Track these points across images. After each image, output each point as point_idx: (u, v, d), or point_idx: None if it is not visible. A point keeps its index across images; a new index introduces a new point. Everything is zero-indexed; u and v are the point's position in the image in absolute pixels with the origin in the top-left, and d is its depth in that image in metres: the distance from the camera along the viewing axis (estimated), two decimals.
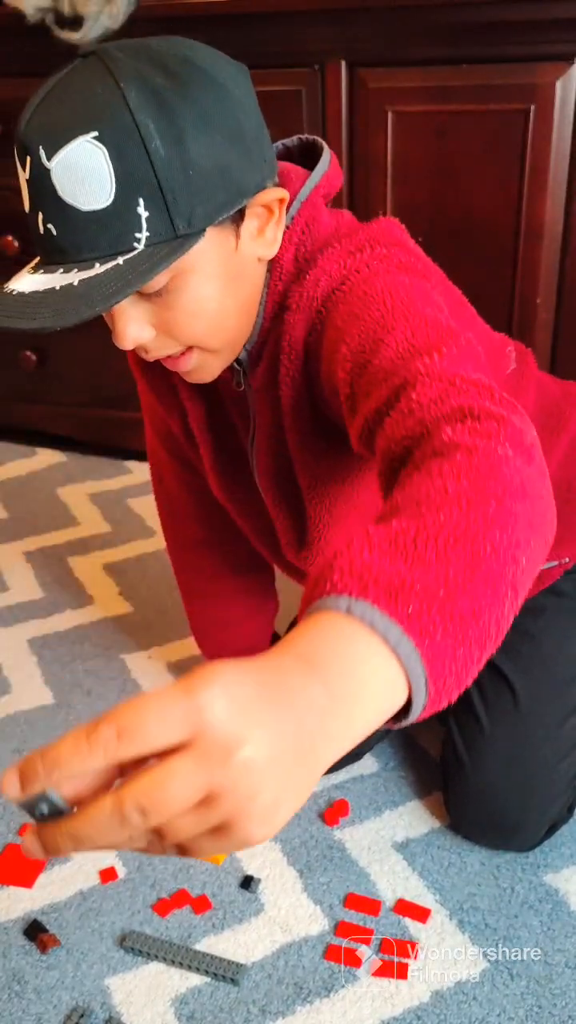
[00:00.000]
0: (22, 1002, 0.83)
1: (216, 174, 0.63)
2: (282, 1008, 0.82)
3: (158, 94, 0.60)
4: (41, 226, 0.63)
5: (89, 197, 0.60)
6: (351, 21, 1.37)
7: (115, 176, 0.60)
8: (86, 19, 1.43)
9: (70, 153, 0.59)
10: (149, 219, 0.61)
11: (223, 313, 0.69)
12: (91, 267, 0.62)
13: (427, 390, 0.54)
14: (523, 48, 1.32)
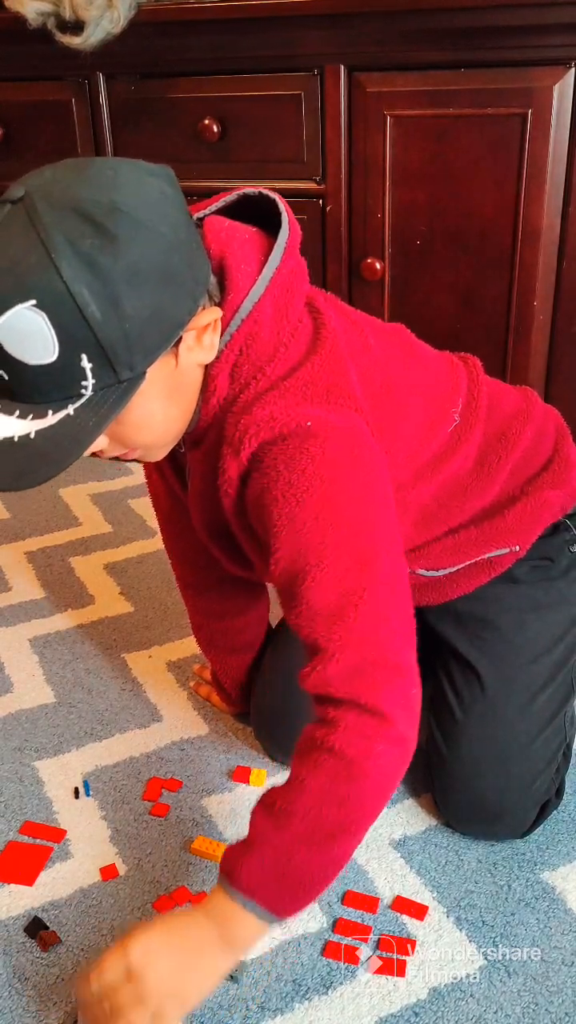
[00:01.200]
0: (23, 999, 0.84)
1: (152, 321, 0.65)
2: (280, 1005, 0.83)
3: (89, 257, 0.62)
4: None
5: (34, 355, 0.63)
6: (350, 25, 1.38)
7: (57, 337, 0.62)
8: (87, 24, 1.44)
9: (11, 318, 0.62)
10: (93, 369, 0.64)
11: (168, 422, 0.75)
12: (43, 413, 0.66)
13: (339, 666, 0.70)
14: (521, 53, 1.33)
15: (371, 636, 0.71)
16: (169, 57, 1.52)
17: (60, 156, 1.76)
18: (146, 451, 0.78)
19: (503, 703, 0.96)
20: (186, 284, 0.68)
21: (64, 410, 0.66)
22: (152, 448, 0.78)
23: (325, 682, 0.71)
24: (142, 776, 1.09)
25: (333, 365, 0.75)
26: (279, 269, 0.75)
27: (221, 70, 1.50)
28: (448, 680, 1.00)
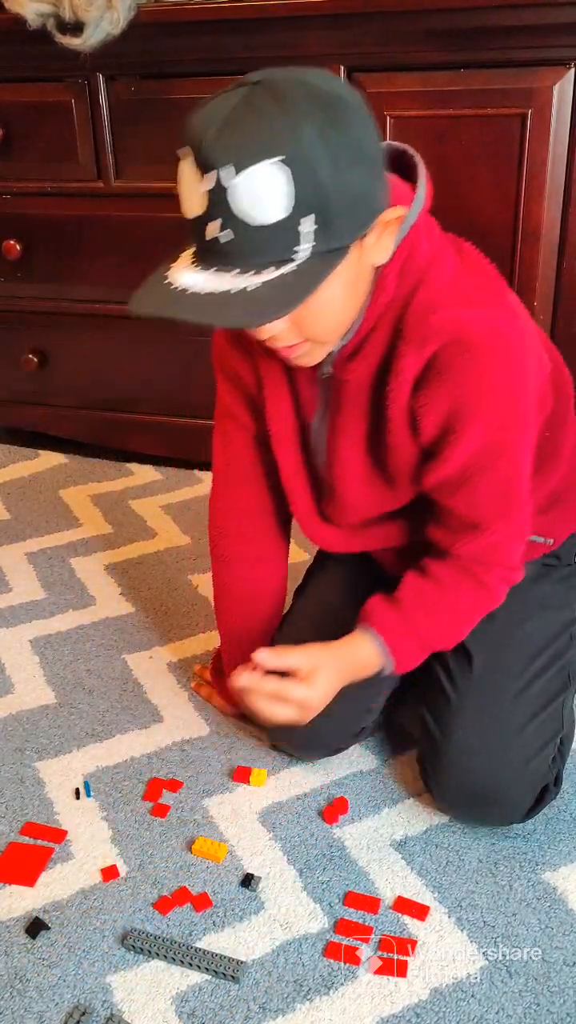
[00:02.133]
0: (24, 1000, 0.84)
1: (362, 199, 0.73)
2: (282, 1006, 0.83)
3: (323, 130, 0.69)
4: (208, 232, 0.71)
5: (263, 213, 0.68)
6: (350, 26, 1.38)
7: (288, 197, 0.68)
8: (87, 25, 1.43)
9: (254, 173, 0.67)
10: (315, 232, 0.70)
11: (344, 313, 0.80)
12: (257, 274, 0.70)
13: (491, 541, 0.89)
14: (521, 53, 1.33)
15: (520, 528, 0.90)
16: (169, 58, 1.52)
17: (60, 157, 1.77)
18: (315, 344, 0.81)
19: (496, 687, 0.97)
20: (381, 176, 0.75)
21: (277, 270, 0.70)
22: (322, 339, 0.81)
23: (479, 550, 0.90)
24: (143, 777, 1.09)
25: (494, 279, 0.86)
26: (426, 197, 0.82)
27: (221, 70, 1.49)
28: (441, 665, 1.01)
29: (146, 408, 1.83)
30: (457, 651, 1.00)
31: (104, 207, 1.67)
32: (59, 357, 1.86)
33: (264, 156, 0.67)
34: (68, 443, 1.97)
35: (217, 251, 0.71)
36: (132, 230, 1.66)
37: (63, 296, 1.78)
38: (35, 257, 1.76)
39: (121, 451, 1.91)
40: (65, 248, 1.73)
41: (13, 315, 1.84)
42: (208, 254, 0.72)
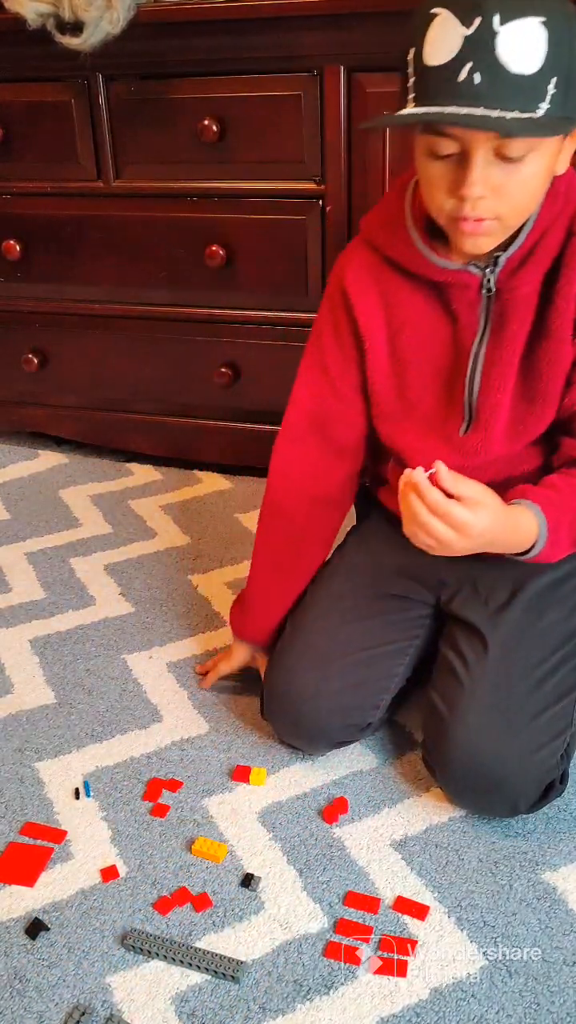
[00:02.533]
0: (23, 1000, 0.84)
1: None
2: (282, 1006, 0.82)
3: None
4: (464, 73, 0.75)
5: (522, 63, 0.74)
6: (349, 26, 1.38)
7: (547, 54, 0.74)
8: (86, 25, 1.43)
9: (522, 24, 0.74)
10: (554, 96, 0.76)
11: (538, 197, 0.86)
12: (506, 113, 0.75)
13: None
14: None
15: None
16: (168, 58, 1.52)
17: (60, 157, 1.78)
18: (499, 224, 0.84)
19: (510, 675, 0.97)
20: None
21: (526, 114, 0.76)
22: (511, 217, 0.84)
23: None
24: (142, 777, 1.09)
25: None
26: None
27: (220, 71, 1.50)
28: (454, 649, 1.02)
29: (146, 408, 1.83)
30: (472, 637, 1.01)
31: (104, 207, 1.67)
32: (59, 357, 1.86)
33: (531, 13, 0.74)
34: (68, 443, 1.97)
35: (467, 93, 0.75)
36: (132, 230, 1.66)
37: (63, 296, 1.78)
38: (35, 257, 1.76)
39: (121, 451, 1.91)
40: (65, 248, 1.73)
41: (13, 315, 1.84)
42: (454, 95, 0.76)
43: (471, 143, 0.78)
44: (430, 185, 0.84)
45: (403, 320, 0.97)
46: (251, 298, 1.64)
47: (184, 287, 1.67)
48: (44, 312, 1.81)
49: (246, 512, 1.69)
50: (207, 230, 1.59)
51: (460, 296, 0.93)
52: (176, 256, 1.65)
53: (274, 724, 1.10)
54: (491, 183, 0.80)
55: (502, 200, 0.82)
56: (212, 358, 1.71)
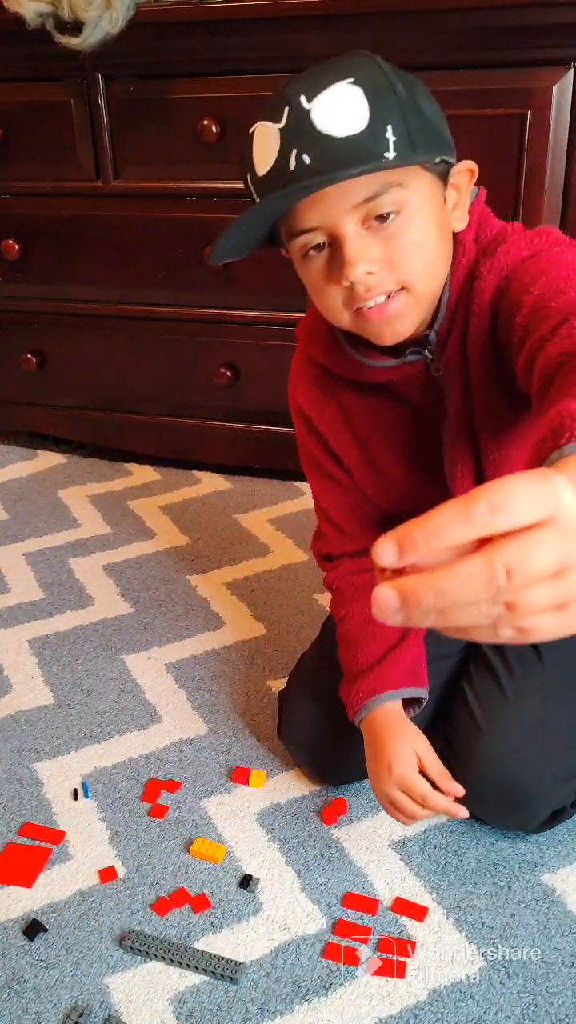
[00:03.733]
0: (21, 1001, 0.84)
1: (437, 128, 0.76)
2: (280, 1007, 0.82)
3: (392, 70, 0.74)
4: (293, 161, 0.71)
5: (347, 125, 0.70)
6: (347, 27, 1.38)
7: (369, 107, 0.70)
8: (86, 24, 1.43)
9: (330, 92, 0.70)
10: (395, 143, 0.70)
11: (436, 253, 0.78)
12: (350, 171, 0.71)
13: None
14: (520, 53, 1.33)
15: None
16: (168, 58, 1.52)
17: (59, 157, 1.77)
18: (408, 296, 0.76)
19: (558, 699, 0.95)
20: (450, 134, 0.79)
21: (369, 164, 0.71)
22: (415, 283, 0.76)
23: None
24: (141, 777, 1.09)
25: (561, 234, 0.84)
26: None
27: (220, 71, 1.50)
28: (497, 651, 0.99)
29: (145, 408, 1.83)
30: (523, 648, 0.98)
31: (103, 207, 1.67)
32: (58, 357, 1.85)
33: (337, 79, 0.71)
34: (67, 443, 1.97)
35: (305, 175, 0.71)
36: (131, 230, 1.66)
37: (62, 296, 1.78)
38: (34, 257, 1.76)
39: (120, 451, 1.91)
40: (64, 248, 1.73)
41: (12, 315, 1.84)
42: (296, 182, 0.71)
43: (333, 221, 0.72)
44: (318, 291, 0.78)
45: (369, 428, 0.92)
46: (250, 298, 1.64)
47: (183, 287, 1.67)
48: (43, 312, 1.81)
49: (245, 512, 1.69)
50: (207, 230, 1.59)
51: (410, 387, 0.87)
52: (175, 256, 1.64)
53: (291, 752, 1.09)
54: (372, 255, 0.73)
55: (395, 269, 0.75)
56: (211, 358, 1.71)
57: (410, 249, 0.75)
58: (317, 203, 0.72)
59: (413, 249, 0.75)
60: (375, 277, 0.74)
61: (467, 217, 0.81)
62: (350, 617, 0.99)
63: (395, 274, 0.75)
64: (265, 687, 1.23)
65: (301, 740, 1.06)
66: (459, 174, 0.79)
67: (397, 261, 0.74)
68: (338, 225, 0.73)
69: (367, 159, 0.69)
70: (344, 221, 0.72)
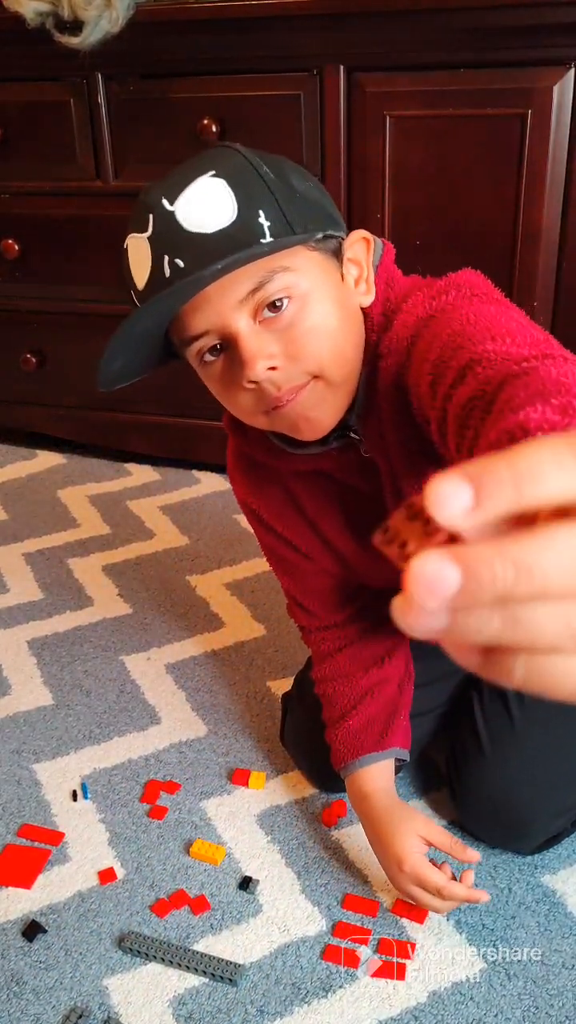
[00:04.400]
0: (20, 1002, 0.83)
1: (316, 204, 0.72)
2: (280, 1008, 0.82)
3: (259, 154, 0.71)
4: (167, 268, 0.68)
5: (215, 219, 0.67)
6: (349, 26, 1.38)
7: (235, 196, 0.67)
8: (86, 24, 1.43)
9: (192, 189, 0.67)
10: (271, 227, 0.67)
11: (341, 334, 0.72)
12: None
13: (493, 364, 0.55)
14: (520, 53, 1.33)
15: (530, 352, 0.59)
16: (168, 57, 1.51)
17: (59, 156, 1.77)
18: (321, 387, 0.71)
19: (566, 729, 0.94)
20: (334, 205, 0.75)
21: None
22: (323, 368, 0.71)
23: (485, 372, 0.57)
24: (140, 778, 1.09)
25: (476, 276, 0.77)
26: (386, 248, 0.80)
27: (220, 70, 1.50)
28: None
29: (144, 408, 1.83)
30: None
31: (102, 206, 1.67)
32: (57, 357, 1.85)
33: (196, 176, 0.68)
34: (66, 443, 1.97)
35: (179, 278, 0.67)
36: None
37: (61, 296, 1.78)
38: (33, 257, 1.76)
39: (119, 451, 1.91)
40: (63, 248, 1.73)
41: (11, 315, 1.84)
42: (168, 288, 0.68)
43: (222, 321, 0.68)
44: (225, 398, 0.74)
45: (315, 509, 0.89)
46: None
47: None
48: (42, 312, 1.81)
49: None
50: None
51: (345, 471, 0.83)
52: None
53: (294, 758, 1.09)
54: (271, 350, 0.68)
55: (300, 360, 0.69)
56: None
57: (311, 336, 0.69)
58: (201, 305, 0.68)
59: (314, 336, 0.69)
60: (280, 373, 0.69)
61: (373, 290, 0.75)
62: (328, 680, 0.99)
63: (300, 365, 0.70)
64: (265, 688, 1.23)
65: (302, 747, 1.06)
66: (354, 246, 0.74)
67: (299, 351, 0.69)
68: (228, 324, 0.68)
69: (241, 249, 0.65)
70: (234, 318, 0.68)
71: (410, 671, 1.01)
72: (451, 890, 0.83)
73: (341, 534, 0.90)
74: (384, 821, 0.89)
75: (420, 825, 0.87)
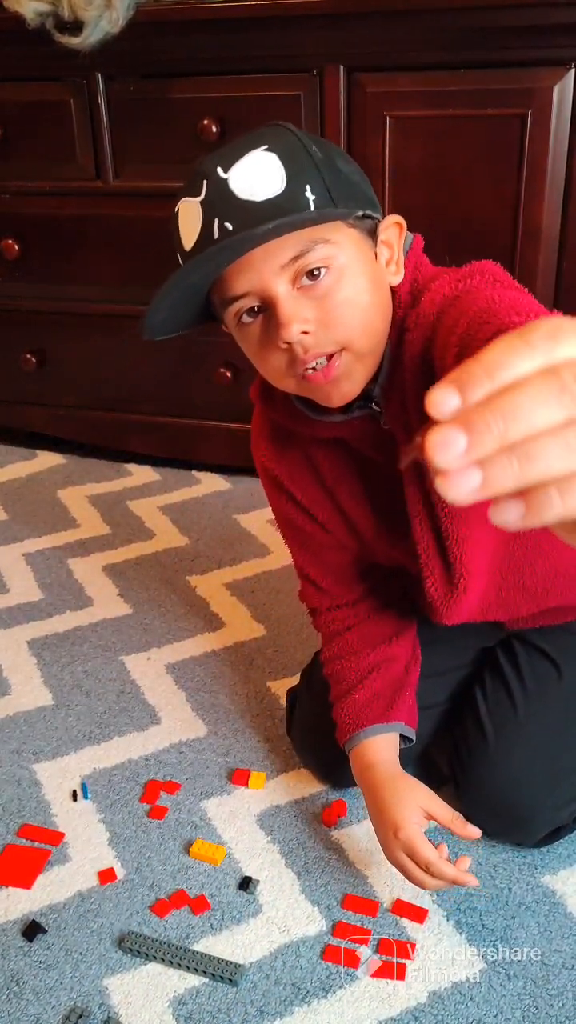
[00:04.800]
0: (20, 1002, 0.83)
1: (358, 185, 0.76)
2: (280, 1009, 0.82)
3: (312, 137, 0.75)
4: (216, 230, 0.72)
5: (264, 189, 0.70)
6: (349, 26, 1.38)
7: (285, 170, 0.71)
8: (86, 24, 1.43)
9: (246, 161, 0.71)
10: (315, 200, 0.71)
11: (372, 309, 0.76)
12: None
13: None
14: (521, 53, 1.33)
15: None
16: (168, 57, 1.51)
17: (59, 156, 1.77)
18: (350, 355, 0.75)
19: (568, 718, 0.94)
20: (373, 192, 0.79)
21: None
22: (354, 340, 0.75)
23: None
24: (140, 779, 1.09)
25: (496, 266, 0.82)
26: (415, 238, 0.84)
27: (220, 70, 1.50)
28: (513, 664, 0.98)
29: (144, 408, 1.83)
30: (541, 660, 0.98)
31: (102, 206, 1.67)
32: (57, 357, 1.85)
33: (251, 148, 0.72)
34: (66, 443, 1.97)
35: (233, 237, 0.70)
36: (130, 230, 1.66)
37: (61, 296, 1.78)
38: (33, 256, 1.76)
39: (119, 451, 1.91)
40: (63, 248, 1.73)
41: (11, 315, 1.84)
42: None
43: (263, 284, 0.72)
44: (259, 358, 0.77)
45: (333, 478, 0.91)
46: None
47: None
48: (42, 312, 1.81)
49: (245, 513, 1.69)
50: None
51: (363, 442, 0.86)
52: (175, 256, 1.64)
53: (300, 751, 1.09)
54: (306, 315, 0.72)
55: (332, 329, 0.74)
56: (211, 358, 1.71)
57: (344, 308, 0.74)
58: (245, 268, 0.72)
59: (347, 307, 0.74)
60: (312, 338, 0.73)
61: (402, 271, 0.80)
62: (336, 658, 0.99)
63: (331, 334, 0.74)
64: (265, 688, 1.23)
65: (309, 739, 1.06)
66: (388, 229, 0.79)
67: (332, 320, 0.73)
68: (268, 287, 0.72)
69: (287, 216, 0.69)
70: (274, 282, 0.72)
71: (417, 654, 1.01)
72: (439, 867, 0.82)
73: (357, 504, 0.92)
74: (387, 789, 0.88)
75: (423, 796, 0.87)
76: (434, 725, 1.05)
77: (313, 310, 0.73)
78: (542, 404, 0.29)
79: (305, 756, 1.08)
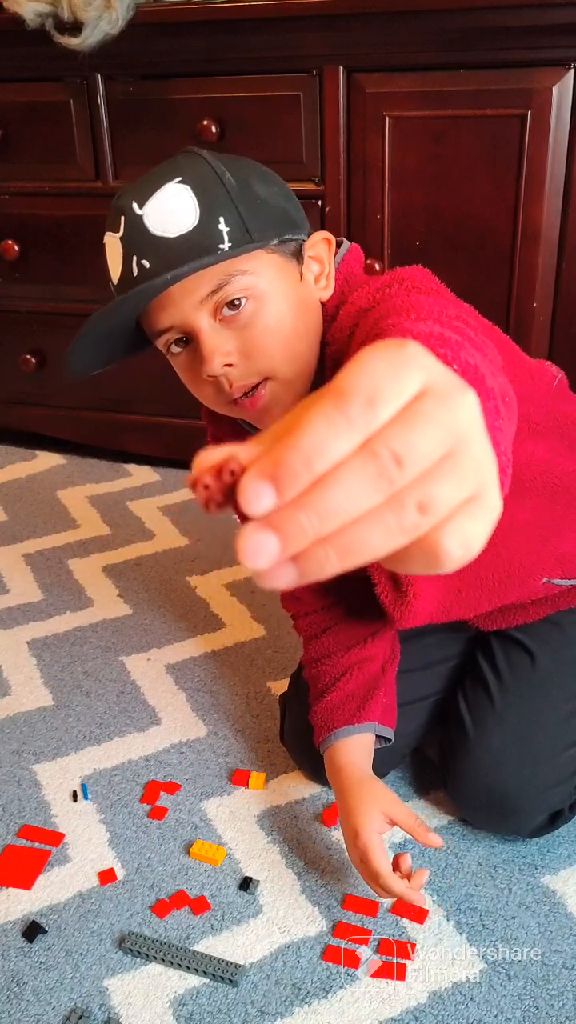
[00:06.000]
0: (21, 1003, 0.83)
1: (277, 209, 0.76)
2: (280, 1009, 0.82)
3: (226, 161, 0.76)
4: (135, 268, 0.73)
5: (177, 224, 0.72)
6: (349, 27, 1.38)
7: (198, 203, 0.72)
8: (85, 24, 1.43)
9: (160, 195, 0.72)
10: (230, 232, 0.72)
11: (295, 334, 0.77)
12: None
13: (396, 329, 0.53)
14: (520, 54, 1.33)
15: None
16: (167, 58, 1.51)
17: (58, 157, 1.77)
18: (275, 386, 0.76)
19: (544, 705, 0.95)
20: (300, 209, 0.79)
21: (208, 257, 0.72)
22: (277, 369, 0.76)
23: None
24: (140, 779, 1.09)
25: (423, 272, 0.78)
26: (352, 248, 0.84)
27: (220, 71, 1.50)
28: (489, 660, 1.00)
29: (144, 409, 1.83)
30: (509, 650, 0.99)
31: (102, 207, 1.65)
32: (57, 358, 1.85)
33: (164, 182, 0.72)
34: (66, 444, 1.97)
35: (144, 280, 0.72)
36: None
37: (61, 297, 1.78)
38: (33, 257, 1.76)
39: (119, 452, 1.91)
40: (63, 248, 1.73)
41: (11, 316, 1.84)
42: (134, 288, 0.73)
43: (184, 319, 0.74)
44: (191, 385, 0.80)
45: None
46: None
47: None
48: (42, 312, 1.81)
49: None
50: None
51: None
52: None
53: (293, 757, 1.09)
54: (227, 348, 0.74)
55: (254, 359, 0.75)
56: None
57: (266, 336, 0.75)
58: (166, 304, 0.74)
59: (269, 336, 0.75)
60: (235, 370, 0.75)
61: (332, 284, 0.80)
62: (313, 661, 1.01)
63: (254, 364, 0.75)
64: (265, 688, 1.23)
65: (301, 744, 1.06)
66: (316, 246, 0.79)
67: (254, 350, 0.75)
68: (189, 321, 0.74)
69: (200, 255, 0.71)
70: (195, 316, 0.74)
71: (396, 652, 1.01)
72: (387, 881, 0.83)
73: None
74: (352, 792, 0.89)
75: (386, 802, 0.87)
76: (427, 717, 1.05)
77: (235, 340, 0.75)
78: (359, 494, 0.28)
79: (299, 760, 1.08)
